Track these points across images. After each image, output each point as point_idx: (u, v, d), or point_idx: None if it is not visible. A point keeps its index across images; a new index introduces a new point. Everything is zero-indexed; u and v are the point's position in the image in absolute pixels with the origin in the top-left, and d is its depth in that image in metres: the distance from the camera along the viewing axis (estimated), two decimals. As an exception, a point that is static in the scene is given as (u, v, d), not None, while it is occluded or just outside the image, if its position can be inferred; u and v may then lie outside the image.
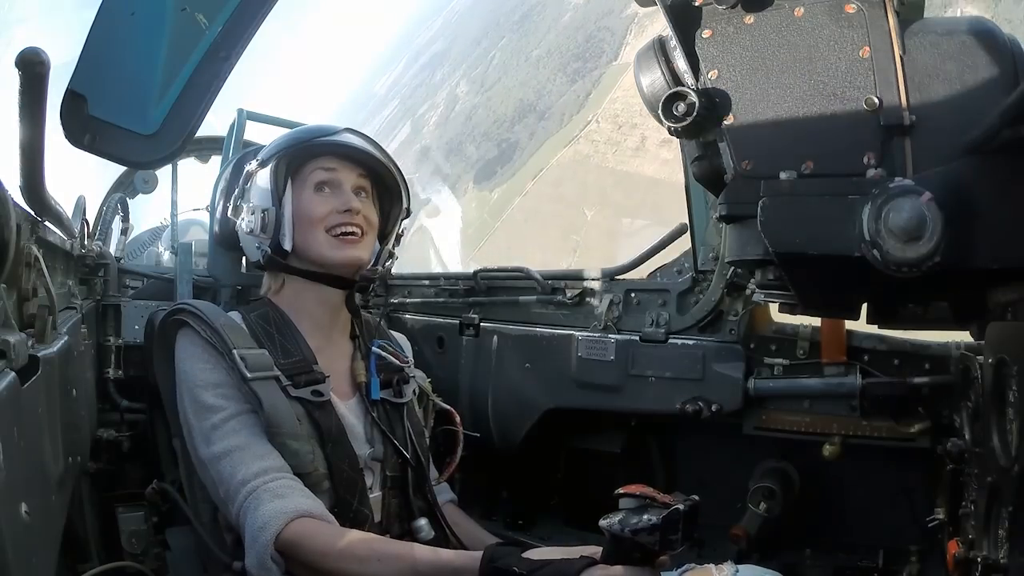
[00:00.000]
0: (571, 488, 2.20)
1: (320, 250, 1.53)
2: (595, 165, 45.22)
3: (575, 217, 43.69)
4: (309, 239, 1.53)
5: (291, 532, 1.25)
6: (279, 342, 1.50)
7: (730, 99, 1.05)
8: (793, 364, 1.78)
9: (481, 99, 66.79)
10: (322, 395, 1.46)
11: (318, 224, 1.53)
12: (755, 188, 1.00)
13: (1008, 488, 1.04)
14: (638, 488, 1.09)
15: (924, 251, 0.89)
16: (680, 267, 1.99)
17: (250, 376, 1.38)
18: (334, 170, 1.57)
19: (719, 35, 1.06)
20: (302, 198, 1.55)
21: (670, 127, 1.08)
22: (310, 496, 1.33)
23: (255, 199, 1.55)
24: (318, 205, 1.54)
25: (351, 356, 1.63)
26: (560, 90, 55.54)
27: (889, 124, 0.96)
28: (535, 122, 56.61)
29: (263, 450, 1.36)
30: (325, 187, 1.56)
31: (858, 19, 0.99)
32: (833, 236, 0.95)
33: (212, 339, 1.43)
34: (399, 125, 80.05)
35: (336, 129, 1.60)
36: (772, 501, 1.76)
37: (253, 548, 1.27)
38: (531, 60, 63.32)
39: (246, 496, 1.30)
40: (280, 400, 1.39)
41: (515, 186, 52.26)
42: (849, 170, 0.97)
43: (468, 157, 60.72)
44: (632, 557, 1.06)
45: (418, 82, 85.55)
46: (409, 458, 1.56)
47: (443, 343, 2.30)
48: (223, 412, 1.39)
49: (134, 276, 2.18)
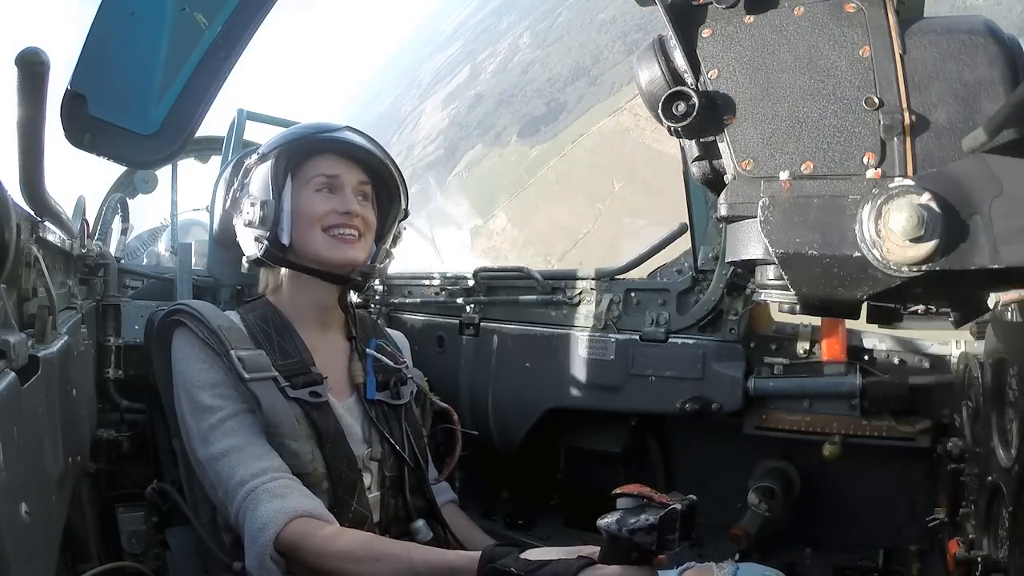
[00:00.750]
0: (571, 488, 2.21)
1: (317, 249, 1.53)
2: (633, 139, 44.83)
3: (603, 186, 43.50)
4: (307, 237, 1.53)
5: (290, 532, 1.25)
6: (277, 343, 1.50)
7: (730, 99, 1.05)
8: (793, 364, 1.78)
9: (540, 54, 65.83)
10: (320, 396, 1.45)
11: (316, 223, 1.53)
12: (755, 188, 1.00)
13: (1008, 488, 1.04)
14: (636, 487, 1.09)
15: (924, 251, 0.89)
16: (680, 267, 1.99)
17: (248, 377, 1.37)
18: (336, 173, 1.57)
19: (719, 35, 1.06)
20: (302, 196, 1.55)
21: (670, 127, 1.08)
22: (309, 496, 1.33)
23: (255, 191, 1.55)
24: (318, 204, 1.54)
25: (349, 356, 1.63)
26: (616, 58, 54.81)
27: (889, 124, 0.96)
28: (585, 86, 55.98)
29: (261, 450, 1.36)
30: (326, 188, 1.56)
31: (858, 18, 0.99)
32: (833, 236, 0.95)
33: (209, 340, 1.43)
34: (457, 68, 78.97)
35: (338, 127, 1.59)
36: (772, 501, 1.76)
37: (253, 549, 1.26)
38: (595, 23, 62.31)
39: (245, 496, 1.30)
40: (278, 401, 1.39)
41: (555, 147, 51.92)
42: (849, 170, 0.97)
43: (517, 110, 60.40)
44: (630, 557, 1.06)
45: (484, 27, 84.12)
46: (407, 458, 1.56)
47: (443, 343, 2.30)
48: (220, 412, 1.38)
49: (134, 276, 2.18)
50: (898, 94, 0.97)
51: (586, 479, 2.14)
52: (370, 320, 1.76)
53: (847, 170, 0.98)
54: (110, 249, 2.46)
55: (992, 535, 1.12)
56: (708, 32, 1.06)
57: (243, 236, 1.60)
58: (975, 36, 0.98)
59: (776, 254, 1.00)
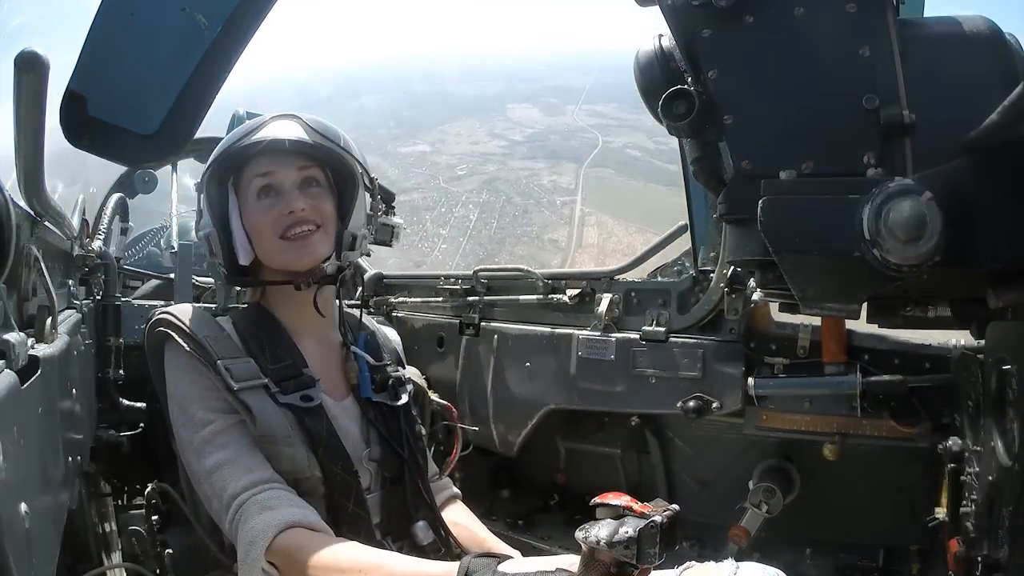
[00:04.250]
0: (571, 488, 2.21)
1: (276, 256, 1.49)
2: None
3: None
4: (264, 248, 1.49)
5: (280, 544, 1.24)
6: (268, 347, 1.47)
7: (730, 98, 1.05)
8: (793, 363, 1.78)
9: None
10: (312, 399, 1.43)
11: (268, 232, 1.47)
12: (755, 188, 1.00)
13: (1008, 488, 1.04)
14: (615, 496, 1.06)
15: (924, 251, 0.89)
16: (680, 267, 1.99)
17: (236, 387, 1.36)
18: (270, 173, 1.48)
19: (719, 34, 1.06)
20: (248, 207, 1.49)
21: (670, 126, 1.08)
22: (300, 505, 1.31)
23: (200, 226, 1.53)
24: (262, 213, 1.47)
25: (343, 356, 1.62)
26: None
27: (889, 123, 0.96)
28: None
29: (252, 462, 1.34)
30: (264, 193, 1.48)
31: (858, 18, 0.99)
32: (833, 236, 0.95)
33: (196, 351, 1.40)
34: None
35: (260, 124, 1.50)
36: (772, 501, 1.76)
37: (245, 563, 1.25)
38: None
39: (236, 510, 1.29)
40: (269, 408, 1.38)
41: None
42: (849, 169, 0.97)
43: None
44: (609, 571, 1.03)
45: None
46: (406, 458, 1.56)
47: (443, 343, 2.30)
48: (212, 426, 1.37)
49: (134, 276, 2.18)
50: (898, 94, 0.97)
51: (586, 479, 2.15)
52: (354, 317, 1.72)
53: (847, 169, 0.98)
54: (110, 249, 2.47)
55: (992, 535, 1.12)
56: (708, 32, 1.06)
57: (212, 268, 1.59)
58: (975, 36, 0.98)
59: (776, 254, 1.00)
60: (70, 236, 1.58)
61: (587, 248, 54.03)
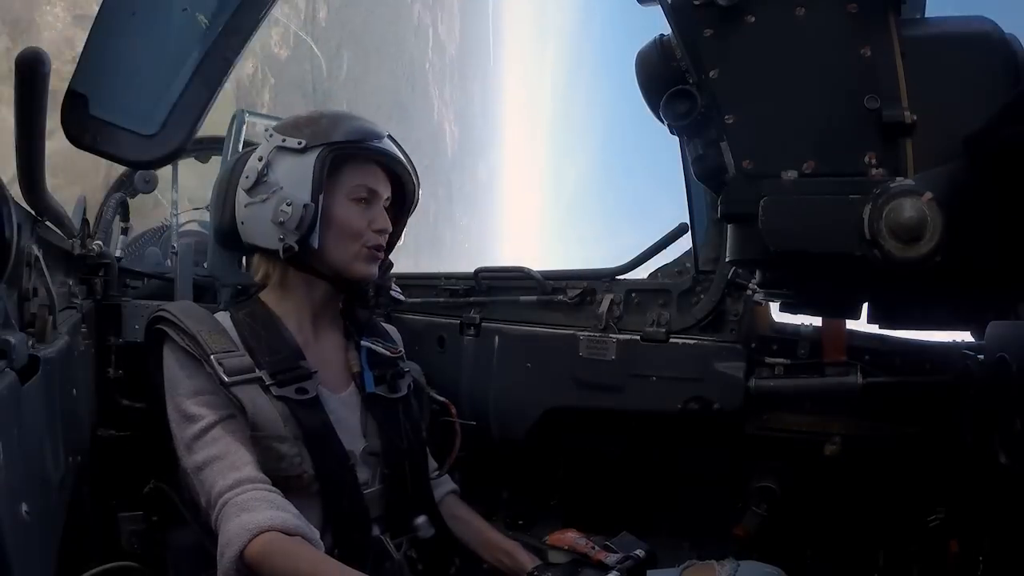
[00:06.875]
0: (571, 488, 2.21)
1: (351, 262, 1.50)
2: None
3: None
4: (340, 247, 1.49)
5: (254, 549, 1.22)
6: (265, 339, 1.47)
7: (731, 98, 1.05)
8: (794, 364, 1.78)
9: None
10: (307, 392, 1.42)
11: (356, 237, 1.49)
12: (756, 187, 1.01)
13: (1008, 488, 1.04)
14: (569, 539, 0.99)
15: (925, 251, 0.89)
16: (680, 267, 1.99)
17: (228, 381, 1.35)
18: (376, 187, 1.53)
19: (720, 34, 1.06)
20: (336, 202, 1.48)
21: (671, 125, 1.09)
22: (281, 507, 1.29)
23: (289, 187, 1.44)
24: (357, 218, 1.50)
25: (344, 348, 1.61)
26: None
27: (890, 123, 0.96)
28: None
29: (240, 460, 1.33)
30: (361, 199, 1.51)
31: (859, 18, 0.99)
32: (834, 236, 0.95)
33: (190, 347, 1.39)
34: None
35: (381, 133, 1.53)
36: (772, 501, 1.76)
37: (221, 564, 1.24)
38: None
39: (219, 509, 1.28)
40: (263, 402, 1.37)
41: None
42: (850, 170, 0.98)
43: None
44: None
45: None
46: (406, 452, 1.55)
47: (443, 343, 2.30)
48: (203, 421, 1.36)
49: (134, 276, 2.18)
50: (899, 94, 0.97)
51: (586, 479, 2.14)
52: (364, 315, 1.74)
53: (848, 170, 0.98)
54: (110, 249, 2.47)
55: (992, 535, 1.12)
56: (709, 31, 1.06)
57: (264, 229, 1.48)
58: (976, 36, 0.98)
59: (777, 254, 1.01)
60: (70, 236, 1.58)
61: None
